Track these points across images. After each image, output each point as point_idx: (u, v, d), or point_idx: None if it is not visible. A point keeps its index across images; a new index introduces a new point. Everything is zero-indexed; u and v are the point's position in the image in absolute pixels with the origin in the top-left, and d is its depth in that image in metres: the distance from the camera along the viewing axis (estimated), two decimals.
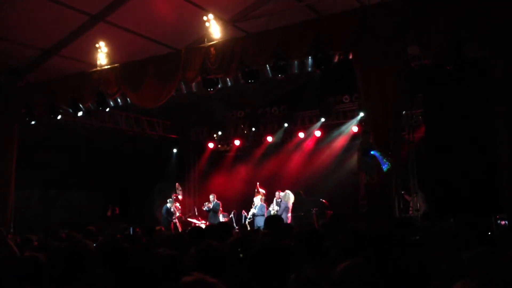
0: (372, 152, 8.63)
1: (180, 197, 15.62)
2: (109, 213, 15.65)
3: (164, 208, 15.37)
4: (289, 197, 13.57)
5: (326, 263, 3.74)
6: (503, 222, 8.48)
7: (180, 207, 15.48)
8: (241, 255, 3.75)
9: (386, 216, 7.63)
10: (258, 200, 14.21)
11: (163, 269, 3.17)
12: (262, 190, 14.58)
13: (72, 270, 3.59)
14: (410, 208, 11.90)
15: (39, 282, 3.71)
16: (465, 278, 1.47)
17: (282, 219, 10.47)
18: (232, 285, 3.23)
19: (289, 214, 13.45)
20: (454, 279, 1.59)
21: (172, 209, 14.94)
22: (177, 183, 15.97)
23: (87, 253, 3.65)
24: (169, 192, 16.74)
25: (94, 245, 4.70)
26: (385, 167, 8.11)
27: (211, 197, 15.12)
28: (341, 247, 3.68)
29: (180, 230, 14.19)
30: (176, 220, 14.93)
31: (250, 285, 3.25)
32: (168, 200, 15.30)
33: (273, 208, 14.02)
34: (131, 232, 10.72)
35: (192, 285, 1.95)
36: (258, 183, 14.74)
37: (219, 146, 17.46)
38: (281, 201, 13.69)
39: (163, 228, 10.31)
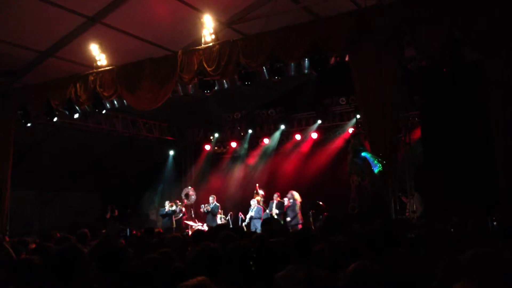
0: (362, 154, 8.63)
1: (191, 200, 15.71)
2: (108, 215, 15.62)
3: (162, 210, 15.43)
4: (297, 196, 13.53)
5: (315, 265, 3.75)
6: (498, 224, 8.49)
7: (185, 210, 15.60)
8: (252, 267, 3.76)
9: (380, 217, 7.63)
10: (255, 203, 14.20)
11: (159, 271, 3.16)
12: (261, 192, 14.56)
13: (67, 273, 3.57)
14: (407, 210, 11.94)
15: (35, 285, 3.70)
16: (464, 280, 1.47)
17: (278, 220, 10.45)
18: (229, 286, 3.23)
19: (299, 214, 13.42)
20: (452, 281, 1.59)
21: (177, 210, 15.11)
22: (191, 187, 16.02)
23: (80, 255, 3.64)
24: (165, 194, 16.80)
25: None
26: (375, 169, 8.10)
27: (210, 198, 15.08)
28: (338, 249, 3.68)
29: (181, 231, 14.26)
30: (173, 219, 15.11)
31: (245, 285, 3.25)
32: (166, 203, 15.37)
33: (273, 211, 14.00)
34: (128, 234, 10.69)
35: None
36: (257, 185, 14.73)
37: (216, 148, 17.43)
38: (293, 202, 13.57)
39: (161, 230, 10.29)
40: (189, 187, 16.30)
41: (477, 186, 10.70)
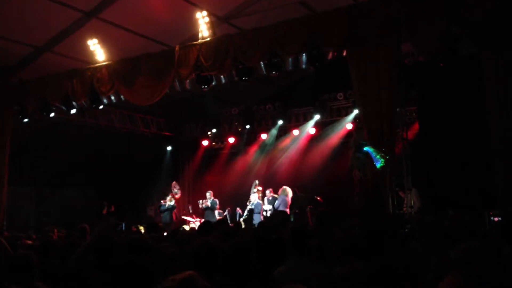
0: (365, 149, 8.64)
1: (177, 195, 15.67)
2: (104, 211, 15.63)
3: (163, 205, 15.49)
4: (288, 192, 13.54)
5: (309, 260, 3.76)
6: (496, 219, 8.52)
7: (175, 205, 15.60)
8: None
9: (379, 212, 7.65)
10: (255, 197, 14.21)
11: (158, 266, 3.16)
12: (259, 188, 14.57)
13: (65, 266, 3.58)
14: (404, 205, 11.95)
15: (31, 280, 3.70)
16: (454, 272, 1.47)
17: (287, 215, 10.49)
18: (227, 280, 3.23)
19: (287, 209, 13.45)
20: (444, 273, 1.59)
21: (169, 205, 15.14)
22: (174, 182, 15.98)
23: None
24: (163, 190, 16.78)
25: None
26: (378, 164, 8.10)
27: (207, 194, 15.09)
28: (333, 246, 3.68)
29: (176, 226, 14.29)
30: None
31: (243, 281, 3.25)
32: (167, 199, 15.42)
33: (265, 207, 14.05)
34: (123, 228, 10.74)
35: (178, 286, 1.88)
36: (257, 181, 14.73)
37: (213, 143, 17.42)
38: (277, 197, 13.63)
39: (160, 225, 10.34)
40: (173, 182, 16.28)
41: (474, 181, 10.71)
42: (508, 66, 7.21)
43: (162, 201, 15.53)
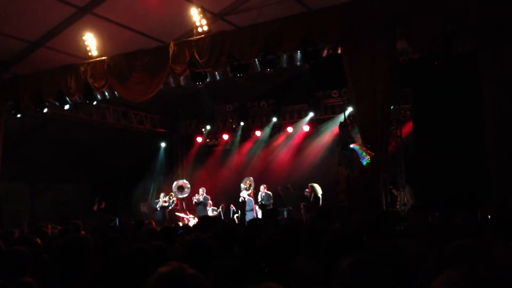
0: (351, 146, 8.68)
1: (186, 193, 15.76)
2: (95, 207, 15.61)
3: (155, 203, 15.51)
4: (317, 189, 13.40)
5: (302, 257, 3.76)
6: (489, 216, 8.55)
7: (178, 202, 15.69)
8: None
9: (369, 209, 7.66)
10: (245, 195, 14.20)
11: (148, 260, 3.16)
12: (252, 184, 14.57)
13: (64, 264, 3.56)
14: (398, 203, 12.00)
15: (24, 275, 3.68)
16: (449, 269, 1.47)
17: (278, 212, 10.43)
18: (219, 276, 3.22)
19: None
20: (439, 270, 1.59)
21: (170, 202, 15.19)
22: (185, 181, 16.05)
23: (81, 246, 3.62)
24: (157, 186, 16.78)
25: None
26: (364, 161, 8.13)
27: (200, 190, 15.14)
28: (335, 238, 3.68)
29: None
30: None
31: (237, 275, 3.24)
32: (161, 195, 15.45)
33: (259, 202, 14.03)
34: (117, 223, 10.69)
35: (167, 277, 1.84)
36: (251, 178, 14.73)
37: (208, 140, 17.41)
38: (310, 195, 13.48)
39: (153, 222, 10.33)
40: (184, 180, 16.29)
41: (468, 179, 10.77)
42: (504, 64, 7.23)
43: (164, 197, 15.62)
